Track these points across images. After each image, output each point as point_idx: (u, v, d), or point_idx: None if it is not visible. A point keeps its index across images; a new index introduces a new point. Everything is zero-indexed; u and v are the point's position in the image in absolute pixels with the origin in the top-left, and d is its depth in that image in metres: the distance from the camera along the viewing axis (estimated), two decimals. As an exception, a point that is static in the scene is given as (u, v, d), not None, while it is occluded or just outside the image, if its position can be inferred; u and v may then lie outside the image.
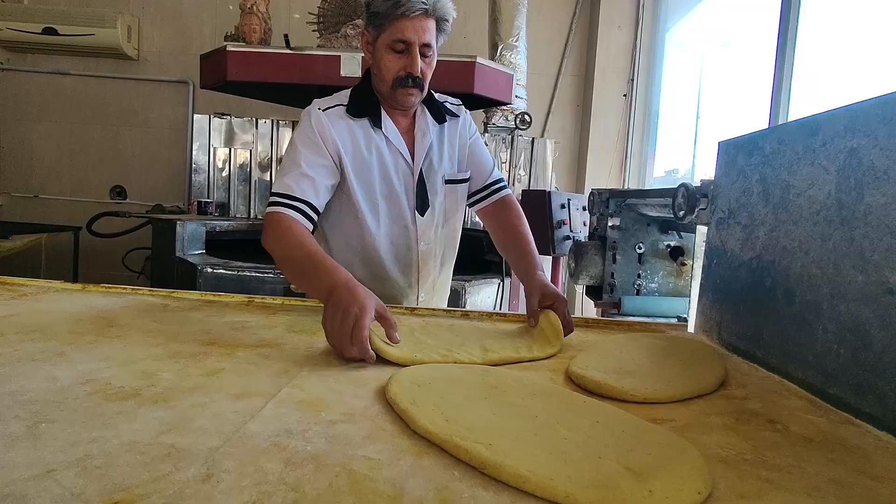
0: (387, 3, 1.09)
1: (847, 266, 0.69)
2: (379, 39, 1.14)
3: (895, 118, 0.64)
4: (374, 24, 1.14)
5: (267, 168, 2.78)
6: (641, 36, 3.43)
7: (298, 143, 1.16)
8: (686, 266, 1.88)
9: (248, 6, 2.19)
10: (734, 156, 1.04)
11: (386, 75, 1.16)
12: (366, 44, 1.19)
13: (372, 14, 1.14)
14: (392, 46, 1.13)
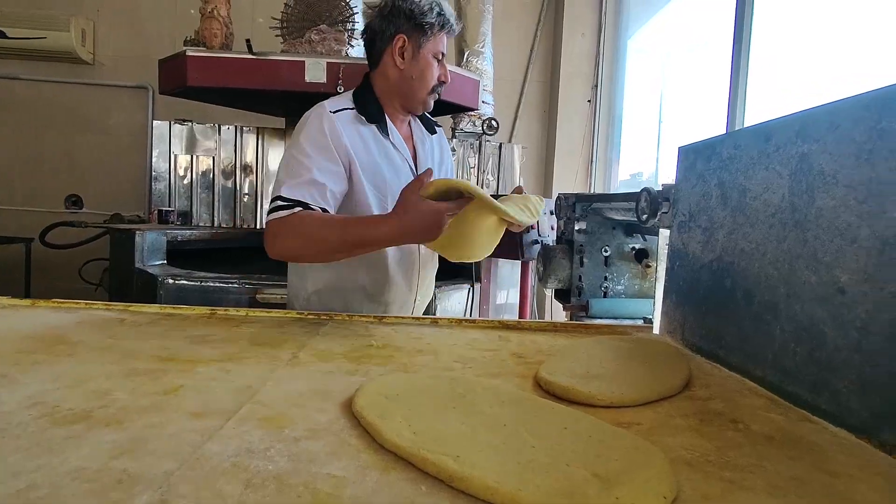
0: (439, 18, 1.21)
1: (801, 267, 0.72)
2: (424, 48, 1.22)
3: (842, 125, 0.67)
4: (419, 34, 1.21)
5: (230, 175, 2.72)
6: (604, 43, 3.50)
7: (308, 147, 1.13)
8: (650, 268, 1.92)
9: (208, 10, 2.14)
10: (693, 161, 1.07)
11: (430, 82, 1.24)
12: (400, 50, 1.21)
13: (419, 24, 1.20)
14: (436, 56, 1.24)
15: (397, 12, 1.21)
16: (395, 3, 1.21)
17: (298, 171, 1.11)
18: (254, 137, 2.71)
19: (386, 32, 1.22)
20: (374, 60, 1.28)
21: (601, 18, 3.54)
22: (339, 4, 2.22)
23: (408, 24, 1.21)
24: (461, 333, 1.06)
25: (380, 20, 1.24)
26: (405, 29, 1.21)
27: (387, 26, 1.22)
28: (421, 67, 1.22)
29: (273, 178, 2.73)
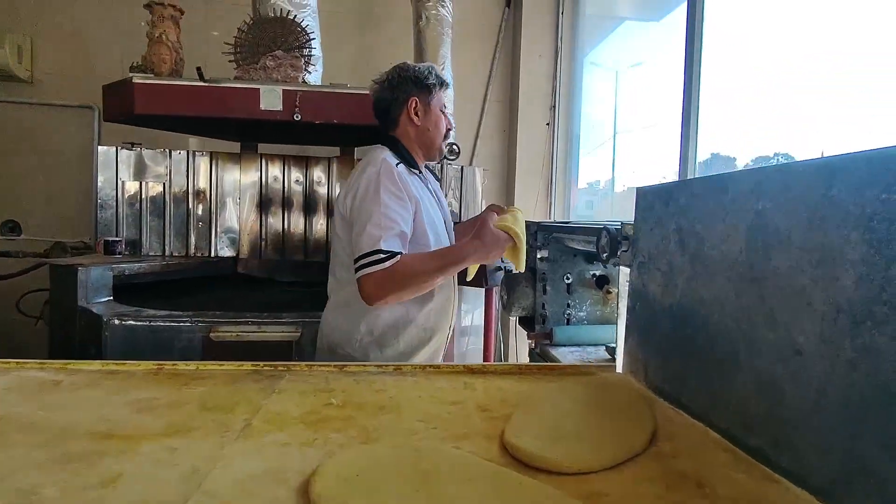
0: (438, 78, 1.49)
1: (759, 323, 0.73)
2: (433, 103, 1.48)
3: (794, 187, 0.68)
4: (426, 93, 1.46)
5: (182, 201, 2.61)
6: (561, 65, 3.57)
7: (390, 201, 1.31)
8: (611, 294, 1.95)
9: (156, 35, 2.05)
10: (651, 202, 1.08)
11: (443, 130, 1.51)
12: (415, 110, 1.46)
13: (426, 85, 1.46)
14: (441, 109, 1.51)
15: (405, 80, 1.46)
16: (401, 74, 1.46)
17: (389, 224, 1.29)
18: (207, 162, 2.61)
19: (399, 99, 1.45)
20: (390, 125, 1.50)
21: (558, 40, 3.62)
22: (294, 30, 2.18)
23: (416, 88, 1.45)
24: (426, 382, 1.03)
25: (390, 90, 1.46)
26: (415, 92, 1.45)
27: (399, 94, 1.46)
28: (434, 120, 1.48)
29: (226, 204, 2.64)
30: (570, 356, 1.74)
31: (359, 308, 1.38)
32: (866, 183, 0.57)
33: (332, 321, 1.47)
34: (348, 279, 1.38)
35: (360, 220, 1.31)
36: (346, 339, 1.43)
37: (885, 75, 1.46)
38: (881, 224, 0.55)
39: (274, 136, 2.56)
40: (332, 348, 1.44)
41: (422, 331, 1.47)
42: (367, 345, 1.41)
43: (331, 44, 2.69)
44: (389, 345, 1.43)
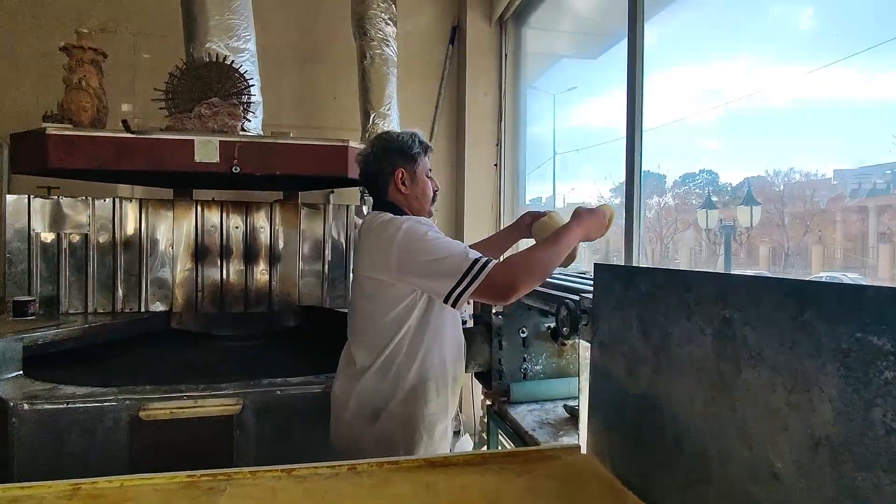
0: (421, 145, 1.50)
1: (732, 435, 0.71)
2: (418, 171, 1.49)
3: (763, 299, 0.67)
4: (411, 163, 1.47)
5: (108, 253, 2.40)
6: (506, 103, 3.62)
7: (429, 238, 1.33)
8: (566, 346, 1.94)
9: (75, 81, 1.88)
10: (610, 282, 1.06)
11: (429, 195, 1.53)
12: (402, 180, 1.47)
13: (411, 154, 1.47)
14: (428, 175, 1.52)
15: (390, 152, 1.47)
16: (385, 146, 1.48)
17: (451, 245, 1.33)
18: (136, 209, 2.42)
19: (385, 171, 1.47)
20: (380, 194, 1.51)
21: (501, 78, 3.67)
22: (232, 76, 2.06)
23: (401, 159, 1.47)
24: (383, 486, 0.95)
25: (375, 162, 1.48)
26: (400, 163, 1.46)
27: (385, 165, 1.47)
28: (421, 187, 1.49)
29: (158, 254, 2.45)
30: (529, 416, 1.70)
31: (403, 367, 1.41)
32: (839, 317, 0.56)
33: (374, 385, 1.43)
34: (387, 342, 1.40)
35: (427, 262, 1.31)
36: (390, 399, 1.42)
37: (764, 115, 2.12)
38: (857, 363, 0.54)
39: (211, 182, 2.42)
40: (377, 413, 1.42)
41: (454, 381, 1.52)
42: (411, 400, 1.42)
43: (269, 78, 2.59)
44: (431, 398, 1.44)
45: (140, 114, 2.85)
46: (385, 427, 1.40)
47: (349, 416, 1.44)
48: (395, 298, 1.39)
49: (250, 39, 2.28)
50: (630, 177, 2.34)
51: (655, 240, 3.61)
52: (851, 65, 1.90)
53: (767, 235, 2.81)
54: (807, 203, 2.69)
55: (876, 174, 2.32)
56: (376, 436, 1.40)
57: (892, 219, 2.28)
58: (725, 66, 2.56)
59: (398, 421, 1.40)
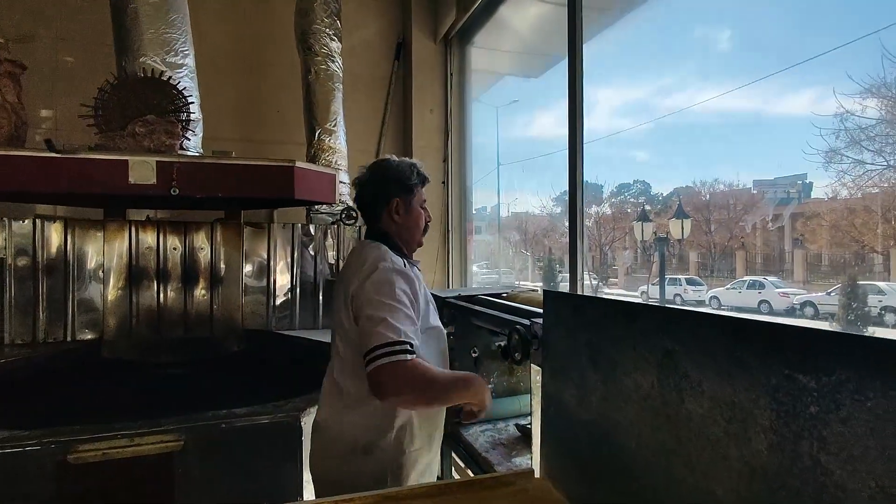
0: (419, 177, 1.50)
1: (678, 463, 0.74)
2: (413, 202, 1.49)
3: (702, 333, 0.71)
4: (408, 193, 1.47)
5: (28, 278, 2.22)
6: (451, 120, 3.67)
7: (400, 293, 1.29)
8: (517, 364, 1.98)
9: (-9, 96, 1.73)
10: (559, 307, 1.10)
11: (421, 226, 1.53)
12: (396, 209, 1.46)
13: (409, 185, 1.47)
14: (421, 205, 1.52)
15: (387, 181, 1.47)
16: (384, 174, 1.47)
17: (406, 321, 1.27)
18: (60, 231, 2.26)
19: (381, 199, 1.47)
20: (373, 219, 1.50)
21: (447, 95, 3.72)
22: (170, 93, 1.97)
23: (398, 188, 1.46)
24: (340, 526, 0.93)
25: (373, 188, 1.48)
26: (397, 192, 1.46)
27: (381, 193, 1.47)
28: (414, 217, 1.50)
29: (86, 279, 2.30)
30: (482, 437, 1.72)
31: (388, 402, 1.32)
32: (769, 352, 0.61)
33: (366, 417, 1.36)
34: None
35: (377, 311, 1.27)
36: (381, 436, 1.36)
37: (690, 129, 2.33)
38: (787, 398, 0.59)
39: (145, 202, 2.30)
40: (370, 447, 1.35)
41: (440, 414, 1.49)
42: (399, 436, 1.36)
43: (209, 91, 2.50)
44: (416, 434, 1.39)
45: (61, 122, 2.66)
46: (379, 462, 1.35)
47: (342, 448, 1.37)
48: None
49: (189, 55, 2.19)
50: (573, 187, 2.43)
51: (595, 248, 3.76)
52: (765, 84, 2.08)
53: (696, 242, 3.00)
54: (730, 211, 2.90)
55: (789, 184, 2.54)
56: (371, 470, 1.34)
57: (804, 226, 2.49)
58: (654, 84, 2.73)
59: (390, 456, 1.36)
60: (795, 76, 1.96)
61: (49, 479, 1.43)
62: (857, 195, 1.99)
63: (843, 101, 1.77)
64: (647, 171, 3.58)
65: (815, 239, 2.39)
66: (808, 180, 2.37)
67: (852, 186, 1.97)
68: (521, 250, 4.30)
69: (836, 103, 1.78)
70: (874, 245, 2.07)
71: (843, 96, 1.77)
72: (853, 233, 2.11)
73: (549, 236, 3.92)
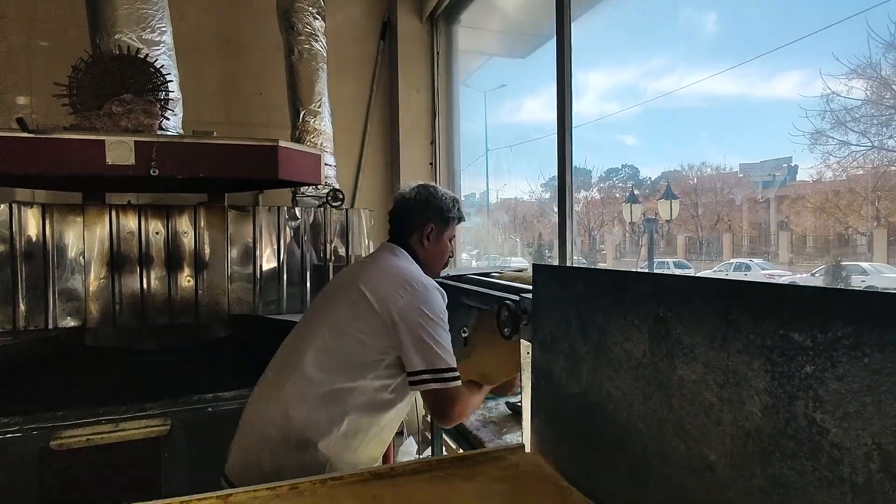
0: (458, 212, 1.53)
1: (669, 431, 0.73)
2: (446, 233, 1.52)
3: (694, 301, 0.70)
4: (443, 224, 1.50)
5: (6, 264, 2.16)
6: (438, 101, 3.62)
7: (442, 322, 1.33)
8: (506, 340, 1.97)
9: (-42, 74, 1.65)
10: (548, 280, 1.08)
11: (445, 257, 1.56)
12: (428, 235, 1.49)
13: (446, 217, 1.50)
14: (450, 239, 1.54)
15: (429, 206, 1.49)
16: (429, 200, 1.49)
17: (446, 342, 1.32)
18: (38, 216, 2.19)
19: (417, 220, 1.48)
20: (402, 235, 1.51)
21: (434, 74, 3.66)
22: (147, 71, 1.91)
23: (436, 216, 1.49)
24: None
25: (413, 206, 1.49)
26: (434, 219, 1.48)
27: (419, 214, 1.48)
28: (441, 249, 1.52)
29: (66, 264, 2.24)
30: (472, 416, 1.71)
31: (348, 404, 1.30)
32: (763, 314, 0.60)
33: (311, 415, 1.30)
34: (346, 375, 1.30)
35: (424, 336, 1.30)
36: (322, 436, 1.29)
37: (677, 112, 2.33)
38: (781, 358, 0.57)
39: (125, 186, 2.23)
40: (304, 445, 1.28)
41: (389, 431, 1.43)
42: (341, 445, 1.30)
43: (189, 72, 2.43)
44: (359, 449, 1.33)
45: (38, 109, 2.58)
46: (309, 462, 1.28)
47: (274, 433, 1.31)
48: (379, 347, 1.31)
49: (166, 31, 2.12)
50: (562, 172, 2.41)
51: (583, 232, 3.75)
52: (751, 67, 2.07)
53: (684, 225, 3.01)
54: (717, 195, 2.90)
55: (775, 167, 2.54)
56: (299, 466, 1.27)
57: (789, 208, 2.50)
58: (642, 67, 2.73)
59: (322, 460, 1.29)
60: (782, 58, 1.95)
61: (30, 466, 1.40)
62: (841, 177, 1.99)
63: (829, 82, 1.77)
64: (636, 156, 3.57)
65: (800, 221, 2.40)
66: (793, 163, 2.37)
67: (837, 168, 1.97)
68: (510, 236, 4.29)
69: (822, 84, 1.78)
70: (858, 226, 2.07)
71: (830, 77, 1.76)
72: (837, 214, 2.12)
73: (539, 221, 3.91)
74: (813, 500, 0.53)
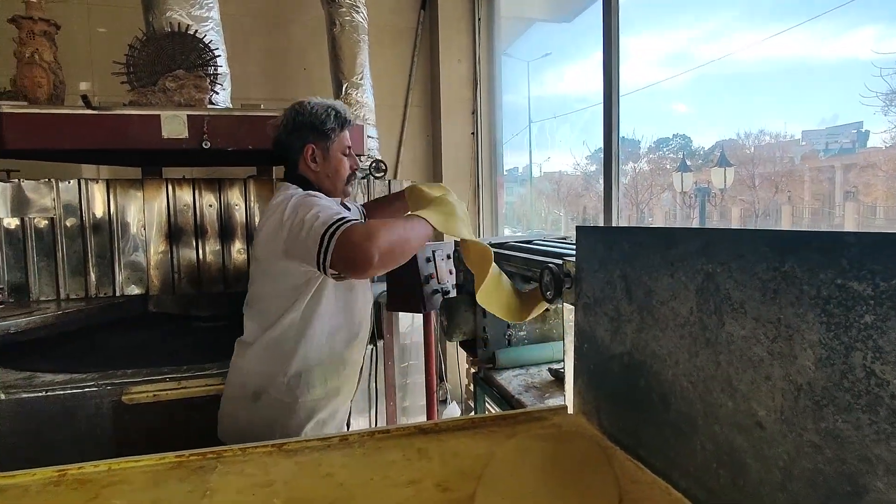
0: (337, 120, 1.39)
1: (716, 389, 0.72)
2: (332, 148, 1.40)
3: (746, 254, 0.67)
4: (325, 139, 1.39)
5: (77, 236, 2.32)
6: (480, 69, 3.56)
7: (322, 201, 1.26)
8: (549, 311, 1.96)
9: (27, 55, 1.77)
10: (594, 244, 1.07)
11: (343, 175, 1.44)
12: (312, 157, 1.39)
13: (324, 130, 1.38)
14: (343, 152, 1.43)
15: (300, 126, 1.37)
16: (297, 119, 1.37)
17: (326, 209, 1.23)
18: (103, 191, 2.33)
19: (295, 145, 1.39)
20: (291, 166, 1.44)
21: (475, 43, 3.60)
22: (196, 46, 1.97)
23: (313, 134, 1.38)
24: (375, 454, 0.96)
25: (286, 135, 1.39)
26: (312, 138, 1.38)
27: (294, 140, 1.38)
28: (333, 166, 1.41)
29: (130, 236, 2.38)
30: (515, 381, 1.73)
31: (287, 349, 1.34)
32: (820, 265, 0.57)
33: (255, 367, 1.37)
34: (274, 321, 1.33)
35: (304, 226, 1.19)
36: (271, 382, 1.35)
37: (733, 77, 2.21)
38: (838, 309, 0.55)
39: (180, 160, 2.34)
40: (258, 394, 1.35)
41: (349, 366, 1.45)
42: (293, 385, 1.35)
43: (235, 50, 2.49)
44: (316, 384, 1.38)
45: (99, 92, 2.72)
46: (264, 410, 1.32)
47: (233, 391, 1.38)
48: (286, 275, 1.30)
49: (213, 7, 2.18)
50: (608, 142, 2.34)
51: (631, 206, 3.64)
52: (817, 25, 1.92)
53: (738, 197, 2.87)
54: (776, 164, 2.74)
55: (842, 133, 2.36)
56: (256, 417, 1.32)
57: (857, 177, 2.34)
58: (694, 30, 2.53)
59: (278, 406, 1.33)
60: (854, 12, 1.79)
61: (106, 417, 1.53)
62: (921, 142, 1.84)
63: (911, 35, 1.62)
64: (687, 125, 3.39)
65: (870, 191, 2.25)
66: (863, 128, 2.20)
67: (917, 132, 1.82)
68: (554, 210, 4.22)
69: (902, 37, 1.63)
70: (937, 196, 1.92)
71: (911, 28, 1.61)
72: (913, 183, 1.97)
73: (584, 195, 3.82)
74: (869, 453, 0.52)
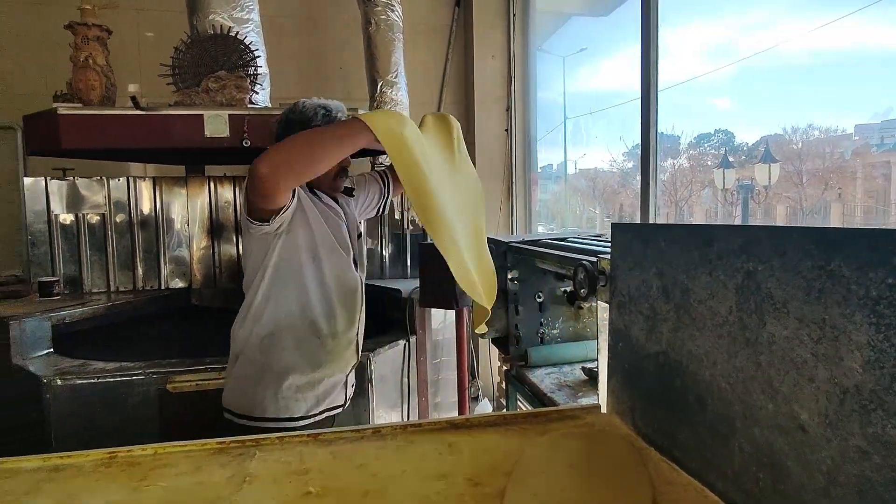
0: (325, 118, 1.43)
1: (756, 390, 0.70)
2: None
3: (788, 252, 0.65)
4: None
5: (126, 232, 2.43)
6: (514, 66, 3.54)
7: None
8: (583, 309, 1.94)
9: (81, 59, 1.86)
10: (629, 241, 1.05)
11: (331, 173, 1.46)
12: None
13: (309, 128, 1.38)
14: None
15: (291, 123, 1.43)
16: (289, 117, 1.45)
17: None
18: (150, 188, 2.44)
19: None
20: None
21: (510, 40, 3.58)
22: (238, 48, 2.03)
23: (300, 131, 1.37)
24: (407, 447, 0.97)
25: (281, 132, 1.45)
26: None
27: (285, 135, 1.40)
28: None
29: (175, 232, 2.48)
30: (547, 379, 1.72)
31: (258, 310, 1.42)
32: (869, 263, 0.55)
33: (237, 331, 1.48)
34: (248, 285, 1.45)
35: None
36: (246, 343, 1.44)
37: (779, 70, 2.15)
38: (889, 309, 0.53)
39: (222, 158, 2.42)
40: (236, 356, 1.46)
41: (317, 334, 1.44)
42: (266, 347, 1.42)
43: (274, 50, 2.56)
44: (286, 348, 1.42)
45: (146, 94, 2.84)
46: (240, 371, 1.42)
47: (229, 360, 1.49)
48: (255, 240, 1.40)
49: (254, 9, 2.24)
50: (645, 137, 2.29)
51: (670, 203, 3.54)
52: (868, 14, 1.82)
53: (784, 194, 2.75)
54: (826, 160, 2.61)
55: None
56: (234, 378, 1.42)
57: (917, 174, 2.22)
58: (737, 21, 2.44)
59: (252, 368, 1.40)
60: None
61: (152, 404, 1.60)
62: None
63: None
64: (730, 120, 3.26)
65: (928, 188, 2.14)
66: (921, 122, 2.08)
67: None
68: (590, 207, 4.16)
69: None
70: None
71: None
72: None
73: (620, 193, 3.75)
74: (920, 460, 0.50)
